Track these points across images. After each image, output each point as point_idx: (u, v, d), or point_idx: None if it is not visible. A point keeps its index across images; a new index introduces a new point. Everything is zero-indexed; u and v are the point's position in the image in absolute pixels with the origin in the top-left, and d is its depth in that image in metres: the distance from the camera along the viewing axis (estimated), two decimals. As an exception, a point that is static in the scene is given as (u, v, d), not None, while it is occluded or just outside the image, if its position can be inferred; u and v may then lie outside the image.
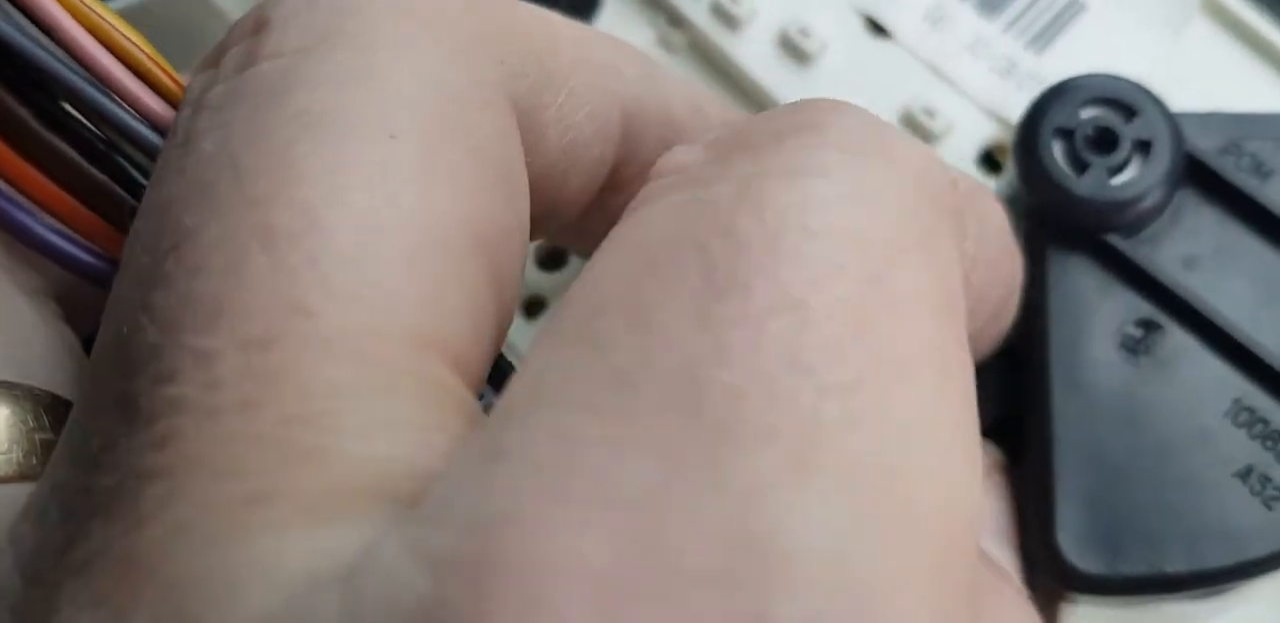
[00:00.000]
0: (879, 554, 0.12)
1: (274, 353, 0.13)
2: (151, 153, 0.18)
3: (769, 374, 0.12)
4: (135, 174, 0.19)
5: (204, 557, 0.12)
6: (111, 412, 0.14)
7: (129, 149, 0.18)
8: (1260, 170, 0.22)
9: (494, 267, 0.16)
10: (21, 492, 0.15)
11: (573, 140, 0.18)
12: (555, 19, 0.18)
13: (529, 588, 0.11)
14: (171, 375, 0.13)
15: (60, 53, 0.18)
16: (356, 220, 0.14)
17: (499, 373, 0.20)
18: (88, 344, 0.19)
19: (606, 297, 0.13)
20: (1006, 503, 0.22)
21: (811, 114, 0.15)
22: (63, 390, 0.18)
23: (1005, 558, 0.21)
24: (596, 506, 0.12)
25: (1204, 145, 0.22)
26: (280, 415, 0.13)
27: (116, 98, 0.18)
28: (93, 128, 0.18)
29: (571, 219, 0.20)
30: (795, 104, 0.16)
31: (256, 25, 0.16)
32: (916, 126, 0.25)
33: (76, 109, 0.18)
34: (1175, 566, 0.21)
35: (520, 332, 0.26)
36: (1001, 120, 0.25)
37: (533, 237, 0.18)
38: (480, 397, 0.16)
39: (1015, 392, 0.23)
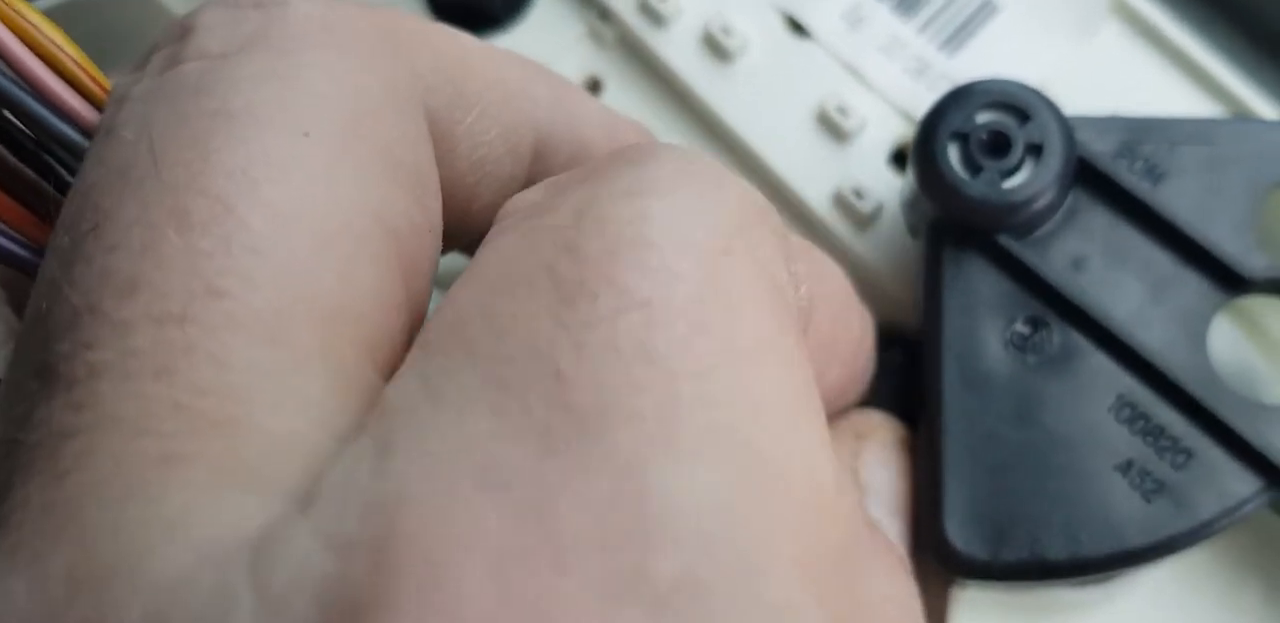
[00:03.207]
0: (744, 514, 0.13)
1: (188, 329, 0.14)
2: (76, 152, 0.18)
3: (626, 366, 0.14)
4: (63, 172, 0.19)
5: (117, 510, 0.13)
6: (34, 379, 0.14)
7: (56, 148, 0.19)
8: (1153, 173, 0.23)
9: (405, 260, 0.16)
10: None
11: (483, 157, 0.19)
12: (469, 41, 0.19)
13: (426, 560, 0.12)
14: (90, 343, 0.14)
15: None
16: (269, 210, 0.15)
17: None
18: None
19: (467, 313, 0.14)
20: (907, 480, 0.23)
21: (638, 150, 0.16)
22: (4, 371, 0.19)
23: (900, 532, 0.22)
24: (482, 487, 0.13)
25: (1098, 148, 0.23)
26: (193, 385, 0.14)
27: (42, 99, 0.18)
28: (21, 126, 0.19)
29: (480, 234, 0.20)
30: (632, 145, 0.17)
31: (181, 32, 0.17)
32: (831, 124, 0.26)
33: (5, 108, 0.19)
34: (1056, 554, 0.21)
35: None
36: (913, 120, 0.26)
37: (447, 250, 0.19)
38: None
39: (913, 388, 0.24)
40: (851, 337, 0.21)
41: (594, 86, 0.28)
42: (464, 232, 0.20)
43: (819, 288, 0.19)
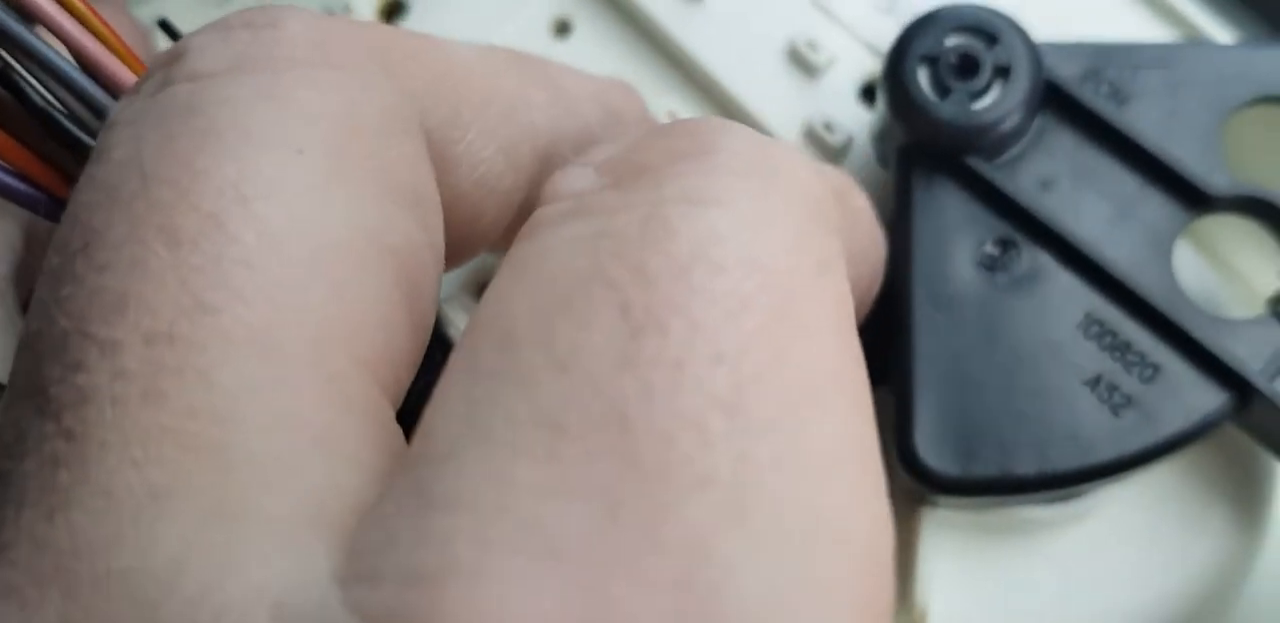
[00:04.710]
0: (817, 604, 0.13)
1: (177, 347, 0.14)
2: (68, 85, 0.19)
3: (696, 416, 0.13)
4: (42, 94, 0.20)
5: (108, 558, 0.13)
6: (25, 402, 0.14)
7: (52, 84, 0.19)
8: (1118, 96, 0.23)
9: (406, 279, 0.16)
10: None
11: (484, 174, 0.18)
12: (462, 54, 0.19)
13: None
14: (78, 365, 0.14)
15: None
16: (260, 225, 0.15)
17: None
18: None
19: (520, 330, 0.14)
20: None
21: (701, 136, 0.16)
22: None
23: None
24: (537, 558, 0.12)
25: (1065, 73, 0.23)
26: (184, 408, 0.13)
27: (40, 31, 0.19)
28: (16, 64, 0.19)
29: (491, 246, 0.20)
30: (684, 124, 0.16)
31: (173, 56, 0.17)
32: (800, 60, 0.26)
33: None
34: (1025, 469, 0.22)
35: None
36: (881, 55, 0.26)
37: (454, 265, 0.19)
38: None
39: (882, 315, 0.24)
40: (870, 272, 0.21)
41: (563, 28, 0.28)
42: (472, 248, 0.20)
43: (850, 233, 0.18)
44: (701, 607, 0.12)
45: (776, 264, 0.14)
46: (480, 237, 0.19)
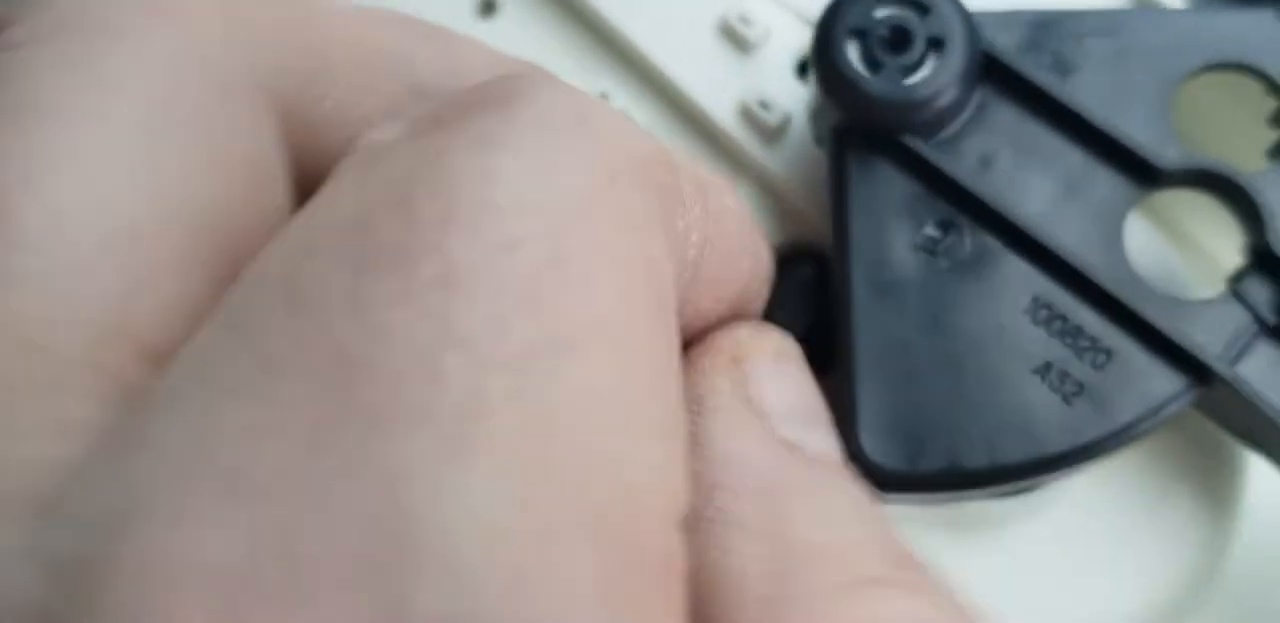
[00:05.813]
0: (540, 541, 0.12)
1: None
2: None
3: (426, 351, 0.12)
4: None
5: None
6: None
7: None
8: (1061, 68, 0.22)
9: (229, 260, 0.15)
10: None
11: (356, 134, 0.17)
12: (335, 3, 0.17)
13: (139, 593, 0.11)
14: None
15: None
16: (47, 204, 0.13)
17: None
18: None
19: (267, 275, 0.13)
20: (807, 386, 0.21)
21: (510, 87, 0.15)
22: None
23: (823, 442, 0.21)
24: (227, 495, 0.11)
25: (1004, 43, 0.22)
26: None
27: None
28: None
29: None
30: (504, 77, 0.15)
31: None
32: (733, 35, 0.25)
33: None
34: (975, 462, 0.21)
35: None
36: (817, 27, 0.25)
37: None
38: None
39: (823, 304, 0.23)
40: (740, 277, 0.19)
41: (488, 7, 0.27)
42: None
43: (714, 228, 0.17)
44: (398, 538, 0.11)
45: (560, 212, 0.13)
46: None
